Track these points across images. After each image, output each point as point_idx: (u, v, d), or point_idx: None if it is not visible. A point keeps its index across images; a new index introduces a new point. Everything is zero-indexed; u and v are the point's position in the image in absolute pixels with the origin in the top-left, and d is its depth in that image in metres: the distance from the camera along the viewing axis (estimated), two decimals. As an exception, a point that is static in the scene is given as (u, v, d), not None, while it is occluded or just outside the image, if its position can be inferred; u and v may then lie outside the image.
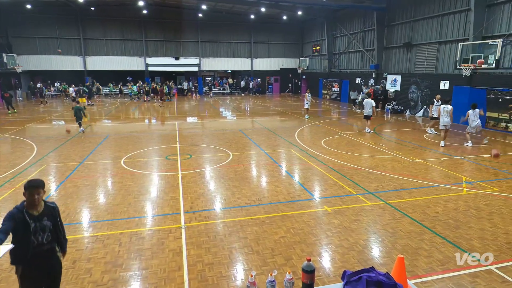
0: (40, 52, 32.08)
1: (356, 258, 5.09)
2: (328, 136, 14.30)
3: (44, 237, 3.36)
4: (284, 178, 8.91)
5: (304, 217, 6.48)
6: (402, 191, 7.88)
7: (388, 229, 6.00)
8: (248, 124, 18.32)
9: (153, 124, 18.91)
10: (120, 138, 14.02)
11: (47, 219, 3.39)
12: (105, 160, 10.65)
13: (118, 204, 7.09)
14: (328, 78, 31.89)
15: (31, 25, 31.08)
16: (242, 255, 5.17)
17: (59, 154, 11.32)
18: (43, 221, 3.36)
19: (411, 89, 21.20)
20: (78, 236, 5.79)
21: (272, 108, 26.01)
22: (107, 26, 33.27)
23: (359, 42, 27.16)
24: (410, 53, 21.69)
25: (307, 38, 37.26)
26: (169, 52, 35.34)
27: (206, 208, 6.95)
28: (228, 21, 35.37)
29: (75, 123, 15.29)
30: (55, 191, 7.89)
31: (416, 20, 20.92)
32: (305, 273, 2.68)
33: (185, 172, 9.24)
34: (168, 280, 4.57)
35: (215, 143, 13.04)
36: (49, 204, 3.50)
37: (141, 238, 5.68)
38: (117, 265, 4.89)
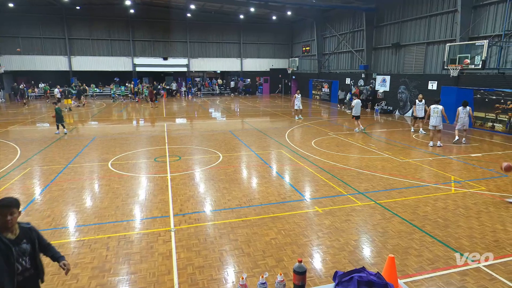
0: (23, 52, 31.21)
1: (347, 258, 5.09)
2: (318, 136, 14.33)
3: (26, 261, 3.02)
4: (275, 179, 8.88)
5: (295, 218, 6.46)
6: (392, 191, 7.93)
7: (379, 229, 6.02)
8: (238, 125, 18.26)
9: (141, 125, 18.67)
10: (107, 140, 13.78)
11: (25, 242, 3.01)
12: (92, 162, 10.43)
13: (105, 208, 6.94)
14: (318, 79, 32.05)
15: (14, 24, 30.22)
16: (233, 257, 5.12)
17: (44, 157, 11.05)
18: (22, 244, 2.97)
19: (400, 89, 21.45)
20: (64, 241, 5.63)
21: (262, 108, 26.00)
22: (93, 25, 32.65)
23: (348, 42, 27.36)
24: (398, 53, 21.95)
25: (297, 39, 37.38)
26: (157, 52, 34.95)
27: (196, 210, 6.86)
28: (217, 21, 35.22)
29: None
30: (40, 195, 7.68)
31: (404, 21, 21.18)
32: (297, 274, 2.66)
33: (174, 174, 9.12)
34: (157, 284, 4.49)
35: (204, 144, 12.93)
36: (24, 225, 3.08)
37: (130, 241, 5.57)
38: (104, 270, 4.79)
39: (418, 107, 14.85)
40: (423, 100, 14.90)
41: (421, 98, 15.00)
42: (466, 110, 12.55)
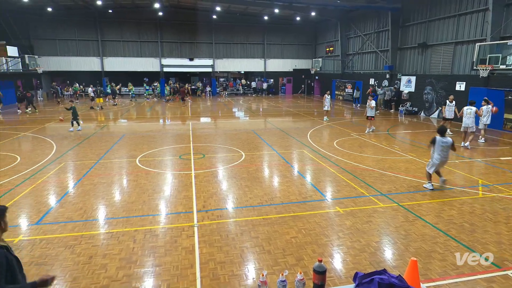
0: (60, 54, 33.07)
1: (368, 260, 5.06)
2: (341, 137, 14.21)
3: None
4: (296, 179, 8.92)
5: (315, 217, 6.48)
6: (416, 193, 7.79)
7: (401, 231, 5.94)
8: (260, 125, 18.37)
9: (168, 124, 19.18)
10: (136, 137, 14.29)
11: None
12: (121, 158, 10.88)
13: (133, 202, 7.24)
14: (341, 79, 31.66)
15: (51, 27, 32.08)
16: (254, 254, 5.21)
17: (77, 152, 11.64)
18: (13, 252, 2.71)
19: (426, 90, 20.85)
20: (95, 232, 5.94)
21: (284, 108, 25.99)
22: (124, 28, 33.97)
23: (373, 42, 26.88)
24: (425, 53, 21.34)
25: (320, 39, 37.08)
26: (184, 53, 35.79)
27: (219, 207, 7.02)
28: (242, 22, 35.55)
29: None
30: (73, 188, 8.12)
31: (431, 20, 20.57)
32: (317, 273, 2.68)
33: (198, 172, 9.36)
34: (180, 277, 4.64)
35: (228, 143, 13.14)
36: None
37: (155, 235, 5.79)
38: (131, 261, 5.00)
39: (448, 108, 14.41)
40: (454, 101, 14.44)
41: (452, 99, 14.53)
42: (471, 110, 12.07)
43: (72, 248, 5.34)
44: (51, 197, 7.58)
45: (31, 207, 7.01)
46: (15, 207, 6.98)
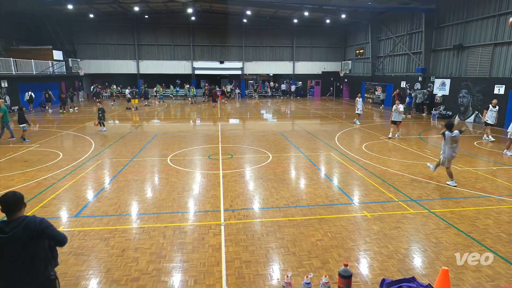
0: (100, 57, 35.08)
1: (396, 266, 4.94)
2: (369, 140, 13.93)
3: None
4: (323, 181, 8.86)
5: (342, 221, 6.43)
6: (449, 200, 7.51)
7: (432, 239, 5.76)
8: (288, 127, 18.37)
9: (198, 124, 19.64)
10: (167, 137, 14.79)
11: None
12: (153, 157, 11.30)
13: (163, 199, 7.52)
14: (371, 82, 30.96)
15: (93, 32, 34.15)
16: (279, 255, 5.24)
17: (113, 150, 12.23)
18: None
19: (461, 93, 19.97)
20: (127, 226, 6.23)
21: (312, 111, 25.81)
22: (158, 32, 35.42)
23: (405, 44, 26.11)
24: (461, 55, 20.45)
25: (350, 41, 36.52)
26: (215, 56, 36.64)
27: (245, 207, 7.13)
28: (271, 25, 35.79)
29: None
30: (109, 184, 8.55)
31: (468, 21, 19.69)
32: (342, 278, 2.68)
33: (226, 172, 9.53)
34: (207, 274, 4.76)
35: (255, 144, 13.26)
36: None
37: (184, 232, 5.98)
38: (161, 256, 5.20)
39: (491, 113, 13.63)
40: (497, 106, 13.71)
41: (495, 103, 13.72)
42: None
43: (107, 241, 5.63)
44: (89, 192, 8.03)
45: (71, 201, 7.46)
46: (57, 200, 7.47)
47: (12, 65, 23.34)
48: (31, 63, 25.30)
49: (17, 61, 23.89)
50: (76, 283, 4.54)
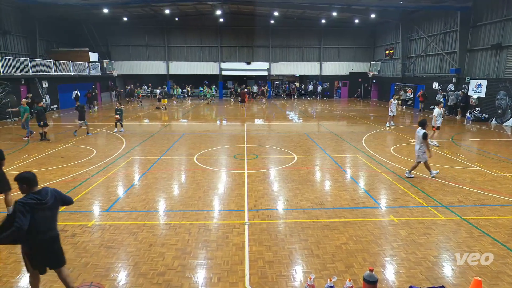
0: (132, 59, 36.43)
1: (424, 274, 4.79)
2: (398, 143, 13.53)
3: None
4: (349, 184, 8.72)
5: (368, 225, 6.30)
6: (483, 207, 7.16)
7: (464, 247, 5.51)
8: (314, 128, 18.20)
9: (224, 124, 19.90)
10: (194, 136, 15.12)
11: None
12: (180, 156, 11.57)
13: (189, 197, 7.69)
14: (402, 83, 30.02)
15: (125, 35, 35.51)
16: (302, 257, 5.22)
17: (143, 148, 12.65)
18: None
19: (499, 95, 18.94)
20: (155, 222, 6.43)
21: (339, 112, 25.41)
22: (187, 34, 36.21)
23: (438, 44, 25.12)
24: (499, 55, 19.40)
25: (379, 42, 35.61)
26: (242, 57, 36.96)
27: (269, 207, 7.15)
28: (298, 26, 35.58)
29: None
30: (138, 181, 8.86)
31: (508, 19, 18.64)
32: (367, 283, 2.63)
33: (251, 172, 9.60)
34: (230, 272, 4.82)
35: (280, 145, 13.25)
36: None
37: (208, 230, 6.09)
38: (186, 252, 5.32)
39: None
40: None
41: None
42: None
43: (135, 236, 5.84)
44: (119, 188, 8.36)
45: (103, 196, 7.80)
46: (90, 194, 7.84)
47: (52, 67, 24.73)
48: (69, 65, 26.67)
49: (56, 63, 25.27)
50: (106, 274, 4.75)
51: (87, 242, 5.64)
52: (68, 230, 6.05)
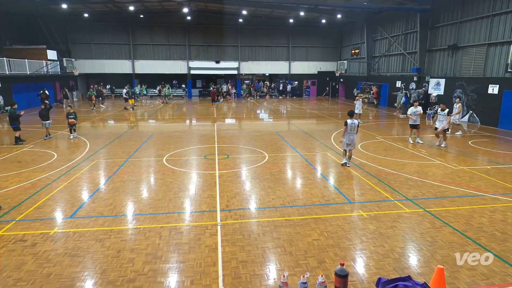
0: (94, 57, 34.83)
1: (392, 265, 4.97)
2: (365, 140, 13.98)
3: None
4: (319, 181, 8.88)
5: (338, 221, 6.44)
6: (444, 199, 7.56)
7: (427, 238, 5.79)
8: (284, 127, 18.38)
9: (194, 124, 19.59)
10: (163, 137, 14.74)
11: None
12: (149, 157, 11.25)
13: (159, 200, 7.49)
14: (367, 82, 31.09)
15: (87, 32, 33.88)
16: (275, 255, 5.24)
17: (108, 151, 12.15)
18: None
19: (456, 93, 20.11)
20: (123, 227, 6.20)
21: (308, 111, 25.85)
22: (153, 32, 35.26)
23: (400, 44, 26.25)
24: (455, 55, 20.60)
25: (345, 41, 36.64)
26: (210, 56, 36.56)
27: (241, 207, 7.12)
28: (267, 25, 35.78)
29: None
30: (104, 185, 8.49)
31: (463, 21, 19.85)
32: (338, 277, 2.69)
33: (222, 172, 9.52)
34: (203, 274, 4.74)
35: (251, 144, 13.26)
36: None
37: (180, 232, 5.96)
38: (157, 256, 5.17)
39: (439, 117, 12.92)
40: (446, 109, 12.89)
41: (443, 108, 12.99)
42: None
43: (102, 242, 5.60)
44: (84, 193, 7.97)
45: (66, 202, 7.40)
46: (51, 201, 7.41)
47: (6, 65, 23.09)
48: (25, 63, 25.07)
49: (10, 61, 23.64)
50: (71, 284, 4.51)
51: (50, 251, 5.33)
52: (27, 239, 5.68)
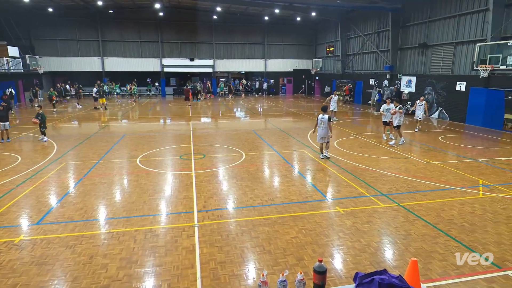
0: (60, 54, 33.15)
1: (369, 260, 5.07)
2: (341, 137, 14.22)
3: None
4: (297, 179, 8.92)
5: (316, 218, 6.49)
6: (416, 193, 7.79)
7: (401, 231, 5.94)
8: (261, 125, 18.38)
9: (168, 124, 19.19)
10: (136, 137, 14.31)
11: None
12: (122, 158, 10.89)
13: (133, 202, 7.25)
14: (342, 79, 31.67)
15: (52, 27, 32.18)
16: (254, 254, 5.22)
17: (78, 153, 11.64)
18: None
19: (426, 90, 20.86)
20: (95, 232, 5.95)
21: (285, 109, 26.01)
22: (124, 28, 34.03)
23: (373, 43, 26.89)
24: (425, 54, 21.35)
25: (320, 39, 37.11)
26: (184, 53, 35.84)
27: (219, 207, 7.03)
28: (242, 22, 35.59)
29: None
30: (74, 188, 8.12)
31: (432, 21, 20.59)
32: (317, 274, 2.68)
33: (199, 172, 9.37)
34: (181, 277, 4.64)
35: (228, 143, 13.15)
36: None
37: (156, 235, 5.80)
38: (132, 261, 5.01)
39: (418, 107, 15.45)
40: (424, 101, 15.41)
41: (422, 100, 15.58)
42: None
43: (73, 248, 5.35)
44: (51, 197, 7.59)
45: (32, 207, 7.02)
46: (16, 206, 7.00)
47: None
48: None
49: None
50: (39, 295, 4.27)
51: (15, 260, 5.02)
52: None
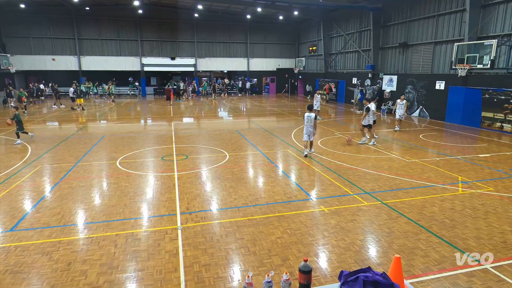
0: (34, 52, 31.84)
1: (353, 258, 5.09)
2: (324, 136, 14.31)
3: None
4: (281, 179, 8.90)
5: (301, 217, 6.48)
6: (399, 191, 7.91)
7: (385, 229, 6.01)
8: (244, 125, 18.30)
9: (149, 124, 18.84)
10: (116, 138, 13.94)
11: None
12: (101, 161, 10.57)
13: (113, 206, 7.04)
14: (325, 78, 31.96)
15: (25, 25, 30.85)
16: (239, 256, 5.15)
17: (54, 155, 11.22)
18: None
19: (407, 89, 21.30)
20: (73, 238, 5.73)
21: (268, 108, 26.02)
22: (102, 26, 33.07)
23: (355, 42, 27.25)
24: (406, 53, 21.79)
25: (303, 38, 37.33)
26: (165, 52, 35.22)
27: (203, 209, 6.92)
28: (224, 21, 35.34)
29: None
30: (50, 193, 7.82)
31: (412, 21, 21.03)
32: (302, 273, 2.66)
33: (181, 173, 9.20)
34: (164, 281, 4.54)
35: (211, 143, 13.01)
36: None
37: (137, 239, 5.64)
38: (112, 266, 4.85)
39: (399, 106, 15.77)
40: (404, 100, 15.70)
41: (402, 99, 15.77)
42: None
43: (50, 255, 5.13)
44: (26, 202, 7.28)
45: (4, 213, 6.69)
46: (-12, 213, 6.67)
47: None
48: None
49: None
50: (12, 306, 4.06)
51: (-14, 270, 4.78)
52: (-41, 258, 5.05)
